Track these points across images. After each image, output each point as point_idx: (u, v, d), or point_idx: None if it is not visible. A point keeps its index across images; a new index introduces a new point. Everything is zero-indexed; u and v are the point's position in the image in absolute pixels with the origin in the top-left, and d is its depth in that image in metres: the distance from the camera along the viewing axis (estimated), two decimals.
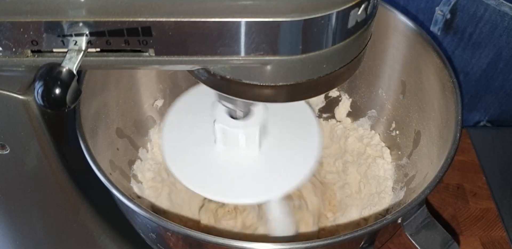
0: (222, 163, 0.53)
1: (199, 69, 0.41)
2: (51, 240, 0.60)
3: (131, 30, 0.37)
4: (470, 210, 0.71)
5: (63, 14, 0.36)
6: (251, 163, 0.53)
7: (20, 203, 0.55)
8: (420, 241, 0.48)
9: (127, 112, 0.63)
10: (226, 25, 0.36)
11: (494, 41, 0.75)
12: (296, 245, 0.44)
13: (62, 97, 0.36)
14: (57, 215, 0.57)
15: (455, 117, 0.52)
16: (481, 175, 0.74)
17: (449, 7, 0.73)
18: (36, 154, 0.50)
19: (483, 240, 0.69)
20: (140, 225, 0.52)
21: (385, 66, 0.63)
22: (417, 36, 0.57)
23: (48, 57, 0.39)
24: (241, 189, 0.52)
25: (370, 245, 0.50)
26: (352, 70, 0.42)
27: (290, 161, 0.53)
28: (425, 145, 0.59)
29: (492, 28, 0.73)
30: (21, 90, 0.45)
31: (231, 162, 0.53)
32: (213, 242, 0.44)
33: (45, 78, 0.36)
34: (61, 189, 0.54)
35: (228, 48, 0.37)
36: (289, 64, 0.38)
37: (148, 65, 0.40)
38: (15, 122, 0.47)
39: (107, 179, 0.47)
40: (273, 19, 0.36)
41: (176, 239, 0.49)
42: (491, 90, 0.81)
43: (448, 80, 0.54)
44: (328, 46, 0.38)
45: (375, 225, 0.45)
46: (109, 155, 0.57)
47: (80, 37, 0.37)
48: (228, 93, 0.42)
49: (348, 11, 0.36)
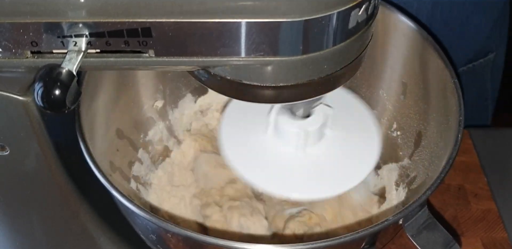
0: (284, 161, 0.53)
1: (199, 70, 0.41)
2: (51, 241, 0.60)
3: (131, 31, 0.36)
4: (471, 211, 0.71)
5: (62, 15, 0.36)
6: (312, 161, 0.53)
7: (19, 204, 0.55)
8: (421, 242, 0.48)
9: (127, 113, 0.63)
10: (226, 25, 0.36)
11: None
12: (297, 246, 0.44)
13: (62, 98, 0.36)
14: (57, 216, 0.57)
15: (456, 118, 0.51)
16: (482, 175, 0.74)
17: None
18: (36, 155, 0.50)
19: (485, 241, 0.69)
20: (140, 227, 0.52)
21: (386, 67, 0.63)
22: (418, 36, 0.57)
23: (47, 58, 0.39)
24: (294, 185, 0.52)
25: (371, 246, 0.50)
26: (353, 70, 0.42)
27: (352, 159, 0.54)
28: (426, 146, 0.59)
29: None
30: (21, 91, 0.45)
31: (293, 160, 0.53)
32: (214, 243, 0.44)
33: (45, 80, 0.36)
34: (61, 190, 0.54)
35: (228, 49, 0.37)
36: (289, 65, 0.38)
37: (148, 66, 0.40)
38: (15, 123, 0.47)
39: (107, 180, 0.47)
40: (274, 19, 0.35)
41: (176, 241, 0.49)
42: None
43: (449, 80, 0.54)
44: (328, 47, 0.38)
45: (376, 226, 0.45)
46: (109, 156, 0.57)
47: (80, 38, 0.37)
48: (228, 94, 0.42)
49: (349, 11, 0.36)
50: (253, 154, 0.53)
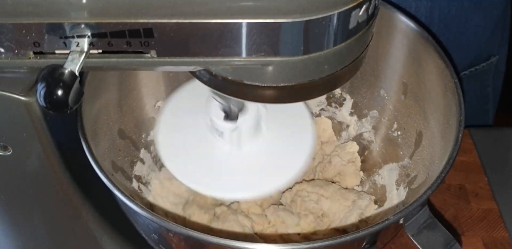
0: (217, 159, 0.53)
1: (201, 70, 0.41)
2: (53, 241, 0.60)
3: (133, 32, 0.37)
4: (472, 211, 0.71)
5: (65, 15, 0.36)
6: (245, 159, 0.53)
7: (22, 204, 0.55)
8: (422, 241, 0.48)
9: (129, 113, 0.63)
10: (227, 26, 0.36)
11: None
12: (298, 245, 0.44)
13: (64, 98, 0.36)
14: (59, 216, 0.57)
15: (457, 118, 0.52)
16: (483, 175, 0.74)
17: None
18: (38, 155, 0.50)
19: (485, 241, 0.69)
20: (142, 226, 0.52)
21: (386, 67, 0.63)
22: (418, 37, 0.57)
23: (50, 58, 0.39)
24: (236, 184, 0.52)
25: (371, 246, 0.50)
26: (354, 71, 0.42)
27: (284, 156, 0.53)
28: (427, 146, 0.59)
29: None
30: (23, 91, 0.45)
31: (226, 158, 0.53)
32: (215, 243, 0.44)
33: (47, 80, 0.36)
34: (63, 190, 0.54)
35: (230, 49, 0.37)
36: (290, 65, 0.38)
37: (150, 66, 0.40)
38: (17, 123, 0.47)
39: (109, 180, 0.47)
40: (274, 20, 0.36)
41: (178, 240, 0.49)
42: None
43: (449, 80, 0.54)
44: (329, 47, 0.38)
45: (377, 226, 0.45)
46: (111, 156, 0.57)
47: (82, 39, 0.37)
48: (230, 94, 0.42)
49: (350, 11, 0.37)
50: (187, 153, 0.53)
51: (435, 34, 0.67)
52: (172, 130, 0.54)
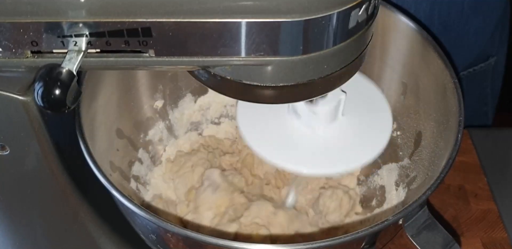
0: (301, 139, 0.55)
1: (200, 70, 0.41)
2: (51, 241, 0.60)
3: (131, 31, 0.36)
4: (471, 211, 0.71)
5: (63, 14, 0.36)
6: (329, 138, 0.55)
7: (19, 204, 0.55)
8: (421, 242, 0.48)
9: (127, 113, 0.63)
10: (226, 25, 0.36)
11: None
12: (297, 246, 0.44)
13: (62, 98, 0.36)
14: (57, 216, 0.57)
15: (456, 118, 0.52)
16: (482, 175, 0.74)
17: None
18: (36, 155, 0.50)
19: (485, 241, 0.69)
20: (140, 226, 0.52)
21: (386, 67, 0.63)
22: (418, 37, 0.57)
23: (48, 58, 0.39)
24: (317, 160, 0.53)
25: (371, 246, 0.50)
26: (353, 70, 0.42)
27: (365, 136, 0.55)
28: (426, 146, 0.59)
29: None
30: (21, 91, 0.45)
31: (310, 138, 0.54)
32: (213, 243, 0.44)
33: (45, 79, 0.36)
34: (61, 190, 0.54)
35: (229, 48, 0.37)
36: (289, 65, 0.38)
37: (148, 66, 0.40)
38: (15, 123, 0.47)
39: (107, 180, 0.47)
40: (274, 19, 0.35)
41: (176, 240, 0.49)
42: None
43: (449, 81, 0.54)
44: (329, 47, 0.38)
45: (376, 226, 0.45)
46: (109, 155, 0.57)
47: (80, 38, 0.37)
48: (228, 94, 0.42)
49: (349, 11, 0.36)
50: (269, 133, 0.55)
51: (434, 35, 0.67)
52: (252, 116, 0.56)
